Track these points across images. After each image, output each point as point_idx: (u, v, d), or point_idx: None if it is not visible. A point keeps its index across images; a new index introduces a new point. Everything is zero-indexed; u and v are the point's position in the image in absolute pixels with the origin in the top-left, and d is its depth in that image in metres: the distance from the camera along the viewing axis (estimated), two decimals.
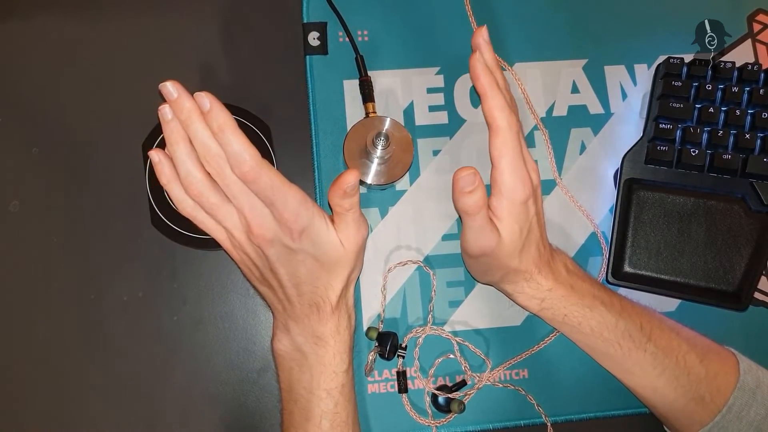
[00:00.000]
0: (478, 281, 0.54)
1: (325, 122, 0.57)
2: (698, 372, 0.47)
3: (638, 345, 0.48)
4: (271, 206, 0.44)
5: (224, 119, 0.42)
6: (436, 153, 0.57)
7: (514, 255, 0.47)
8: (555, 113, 0.58)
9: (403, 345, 0.53)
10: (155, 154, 0.45)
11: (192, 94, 0.43)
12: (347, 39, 0.58)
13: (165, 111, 0.44)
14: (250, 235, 0.45)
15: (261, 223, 0.44)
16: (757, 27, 0.61)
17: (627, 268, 0.55)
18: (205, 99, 0.43)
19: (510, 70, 0.59)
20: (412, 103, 0.57)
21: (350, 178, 0.44)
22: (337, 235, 0.46)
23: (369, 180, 0.53)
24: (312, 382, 0.47)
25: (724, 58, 0.59)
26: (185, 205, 0.46)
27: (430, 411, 0.53)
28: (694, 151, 0.54)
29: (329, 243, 0.46)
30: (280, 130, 0.56)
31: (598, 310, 0.49)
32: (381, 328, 0.54)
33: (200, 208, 0.46)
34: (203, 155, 0.44)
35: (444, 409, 0.52)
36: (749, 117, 0.54)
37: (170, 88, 0.43)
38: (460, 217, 0.47)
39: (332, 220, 0.47)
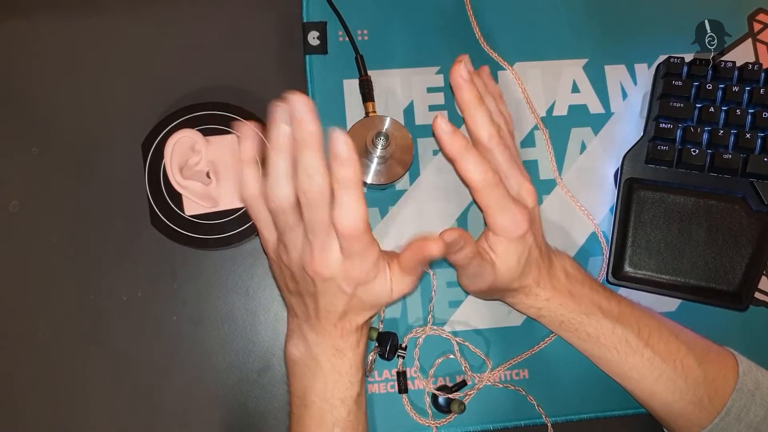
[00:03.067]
0: (477, 298, 0.54)
1: (325, 122, 0.56)
2: (696, 375, 0.47)
3: (635, 350, 0.48)
4: (346, 259, 0.43)
5: (353, 175, 0.39)
6: (436, 153, 0.57)
7: (513, 281, 0.48)
8: (555, 113, 0.58)
9: (403, 345, 0.53)
10: (248, 128, 0.42)
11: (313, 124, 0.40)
12: (347, 38, 0.58)
13: (280, 114, 0.41)
14: (306, 265, 0.43)
15: (326, 264, 0.43)
16: (757, 26, 0.61)
17: (627, 268, 0.55)
18: (343, 145, 0.39)
19: (510, 70, 0.59)
20: (412, 103, 0.57)
21: (436, 252, 0.42)
22: (391, 284, 0.45)
23: (369, 180, 0.53)
24: (326, 390, 0.46)
25: (724, 58, 0.59)
26: (248, 193, 0.44)
27: (430, 411, 0.53)
28: (694, 151, 0.54)
29: (382, 291, 0.45)
30: None
31: (595, 317, 0.49)
32: (381, 328, 0.54)
33: (262, 202, 0.44)
34: (302, 186, 0.41)
35: (444, 409, 0.52)
36: (750, 117, 0.54)
37: (299, 104, 0.40)
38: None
39: (389, 264, 0.45)
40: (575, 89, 0.59)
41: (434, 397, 0.53)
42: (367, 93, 0.56)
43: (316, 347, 0.46)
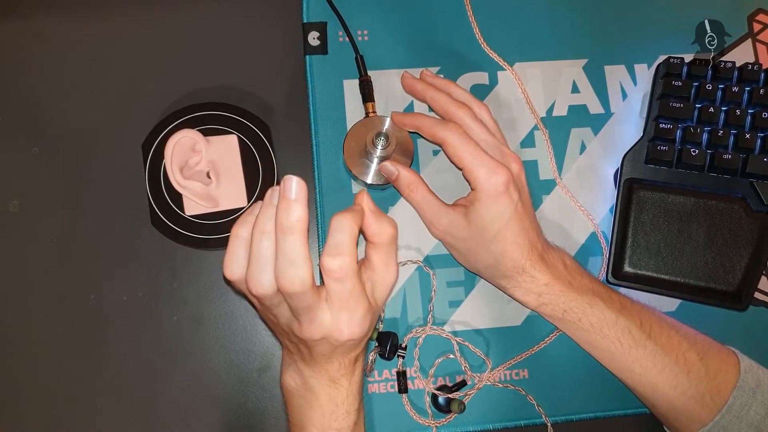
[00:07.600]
0: (468, 269, 0.54)
1: (325, 122, 0.57)
2: (698, 370, 0.47)
3: (638, 342, 0.48)
4: (335, 317, 0.41)
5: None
6: (436, 153, 0.57)
7: (486, 239, 0.48)
8: (555, 113, 0.58)
9: (403, 345, 0.53)
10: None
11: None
12: (347, 38, 0.58)
13: (270, 196, 0.40)
14: (296, 332, 0.42)
15: (316, 330, 0.41)
16: (757, 27, 0.61)
17: (627, 268, 0.55)
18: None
19: (510, 70, 0.59)
20: (412, 103, 0.57)
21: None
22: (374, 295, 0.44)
23: (369, 180, 0.53)
24: (323, 421, 0.46)
25: (724, 58, 0.59)
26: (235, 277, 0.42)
27: (430, 411, 0.53)
28: (694, 151, 0.54)
29: (371, 326, 0.44)
30: (280, 130, 0.56)
31: (597, 307, 0.49)
32: (381, 328, 0.54)
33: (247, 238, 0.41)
34: (283, 273, 0.38)
35: (444, 409, 0.52)
36: (749, 117, 0.54)
37: (290, 183, 0.38)
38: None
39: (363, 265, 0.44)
40: (575, 89, 0.59)
41: (434, 397, 0.53)
42: (367, 93, 0.56)
43: (311, 379, 0.46)
